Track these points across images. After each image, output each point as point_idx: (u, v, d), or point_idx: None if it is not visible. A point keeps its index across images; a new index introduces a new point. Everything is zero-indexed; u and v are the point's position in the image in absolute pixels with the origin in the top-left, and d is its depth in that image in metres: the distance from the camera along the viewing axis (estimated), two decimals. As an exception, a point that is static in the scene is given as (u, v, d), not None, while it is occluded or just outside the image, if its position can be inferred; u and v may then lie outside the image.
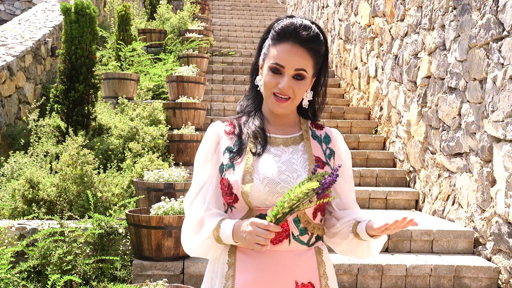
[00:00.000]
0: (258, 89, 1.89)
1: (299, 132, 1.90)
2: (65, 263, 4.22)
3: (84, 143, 5.90)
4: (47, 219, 4.85)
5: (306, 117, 1.94)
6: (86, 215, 4.71)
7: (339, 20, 9.91)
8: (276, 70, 1.80)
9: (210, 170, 1.85)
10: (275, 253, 1.77)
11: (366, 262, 4.58)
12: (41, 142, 6.39)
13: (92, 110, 6.83)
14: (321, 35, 1.82)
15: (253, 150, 1.82)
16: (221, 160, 1.85)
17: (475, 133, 5.06)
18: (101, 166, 5.91)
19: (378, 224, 1.71)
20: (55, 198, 5.15)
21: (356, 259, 4.67)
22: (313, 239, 1.83)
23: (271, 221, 1.67)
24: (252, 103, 1.93)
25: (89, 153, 5.52)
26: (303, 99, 1.88)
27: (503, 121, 4.55)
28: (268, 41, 1.85)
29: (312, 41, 1.80)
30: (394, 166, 7.08)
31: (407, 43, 6.73)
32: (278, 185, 1.77)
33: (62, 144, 6.16)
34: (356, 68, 8.88)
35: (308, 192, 1.65)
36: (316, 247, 1.85)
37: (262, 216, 1.75)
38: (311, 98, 1.89)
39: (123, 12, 9.67)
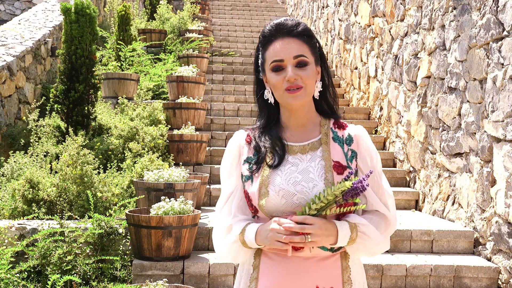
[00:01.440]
0: (270, 102, 1.87)
1: (318, 136, 1.86)
2: (65, 263, 4.22)
3: (84, 143, 5.90)
4: (47, 219, 4.85)
5: (326, 115, 1.90)
6: (86, 215, 4.71)
7: (339, 20, 9.91)
8: (278, 67, 1.79)
9: (235, 180, 1.88)
10: (297, 259, 1.77)
11: (366, 262, 4.58)
12: (41, 142, 6.39)
13: (92, 110, 6.83)
14: (303, 23, 1.83)
15: (270, 162, 1.81)
16: (241, 170, 1.87)
17: (475, 133, 5.06)
18: (101, 166, 5.91)
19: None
20: (55, 198, 5.15)
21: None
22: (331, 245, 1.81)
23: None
24: (266, 121, 1.89)
25: (89, 153, 5.52)
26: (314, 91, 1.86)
27: (503, 121, 4.55)
28: (261, 52, 1.86)
29: (297, 26, 1.81)
30: (394, 166, 7.08)
31: (407, 43, 6.73)
32: (294, 196, 1.76)
33: (62, 144, 6.15)
34: (356, 68, 8.88)
35: (336, 196, 1.65)
36: (343, 252, 1.83)
37: None
38: (321, 89, 1.87)
39: (123, 12, 9.67)
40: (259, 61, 1.87)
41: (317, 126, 1.88)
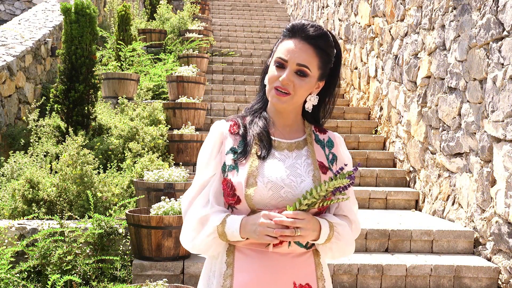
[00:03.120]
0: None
1: (303, 136, 1.90)
2: (65, 263, 4.22)
3: (84, 143, 5.90)
4: (47, 219, 4.85)
5: (310, 121, 1.94)
6: (86, 215, 4.71)
7: (339, 20, 9.91)
8: (280, 64, 1.80)
9: (213, 169, 1.85)
10: (274, 255, 1.78)
11: (366, 262, 4.58)
12: (41, 142, 6.39)
13: (92, 110, 6.83)
14: (330, 37, 1.82)
15: (259, 153, 1.82)
16: (223, 160, 1.84)
17: (475, 133, 5.06)
18: (101, 166, 5.91)
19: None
20: (55, 198, 5.15)
21: (356, 259, 4.67)
22: (310, 242, 1.84)
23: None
24: (258, 103, 1.93)
25: (89, 153, 5.52)
26: (306, 101, 1.87)
27: (503, 121, 4.55)
28: (279, 41, 1.86)
29: (318, 38, 1.79)
30: (394, 166, 7.08)
31: (407, 43, 6.73)
32: (281, 189, 1.77)
33: (62, 144, 6.16)
34: (356, 68, 8.89)
35: (328, 192, 1.69)
36: (314, 249, 1.86)
37: None
38: (316, 103, 1.88)
39: (123, 12, 9.67)
40: (274, 49, 1.88)
41: (301, 126, 1.92)
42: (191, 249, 1.86)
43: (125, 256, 4.52)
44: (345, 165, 1.76)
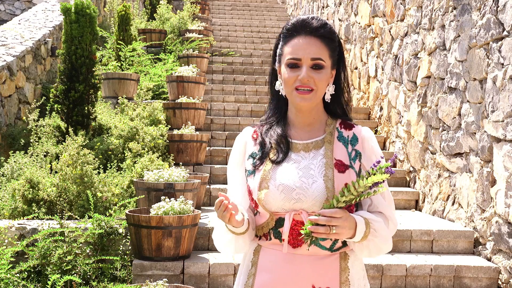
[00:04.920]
0: (280, 94, 1.88)
1: (323, 135, 1.87)
2: (65, 263, 4.22)
3: (84, 143, 5.89)
4: (47, 219, 4.85)
5: (335, 116, 1.91)
6: (86, 215, 4.71)
7: (339, 20, 9.91)
8: (294, 64, 1.79)
9: (238, 178, 1.91)
10: (295, 257, 1.78)
11: (366, 262, 4.58)
12: (41, 142, 6.39)
13: (92, 110, 6.83)
14: (329, 24, 1.84)
15: (273, 158, 1.82)
16: (245, 165, 1.88)
17: (475, 133, 5.06)
18: (101, 166, 5.91)
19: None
20: (55, 198, 5.15)
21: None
22: (338, 244, 1.81)
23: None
24: (274, 114, 1.91)
25: (89, 153, 5.52)
26: (325, 93, 1.86)
27: (503, 121, 4.55)
28: (281, 43, 1.86)
29: (322, 28, 1.80)
30: (394, 166, 7.08)
31: (407, 43, 6.73)
32: (293, 191, 1.77)
33: (62, 144, 6.15)
34: (356, 68, 8.89)
35: (366, 187, 1.66)
36: (342, 252, 1.82)
37: (281, 221, 1.78)
38: (333, 92, 1.87)
39: (123, 12, 9.67)
40: (277, 52, 1.88)
41: (323, 125, 1.89)
42: (222, 251, 1.93)
43: (125, 256, 4.52)
44: (382, 157, 1.72)
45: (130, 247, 4.53)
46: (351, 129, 1.89)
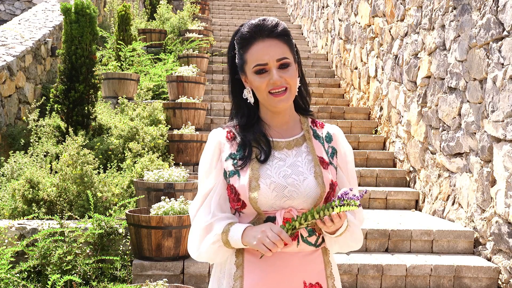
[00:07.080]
0: (248, 102, 1.87)
1: (301, 132, 1.89)
2: (65, 263, 4.22)
3: (84, 143, 5.90)
4: (47, 219, 4.85)
5: (303, 113, 1.93)
6: (86, 215, 4.71)
7: (339, 20, 9.91)
8: (261, 70, 1.79)
9: (214, 178, 1.85)
10: (284, 254, 1.78)
11: (366, 262, 4.58)
12: (41, 142, 6.39)
13: (92, 110, 6.83)
14: (280, 21, 1.84)
15: (258, 156, 1.81)
16: (224, 167, 1.84)
17: (475, 133, 5.06)
18: (101, 166, 5.91)
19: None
20: (55, 198, 5.15)
21: (356, 259, 4.67)
22: (320, 240, 1.84)
23: (286, 231, 1.69)
24: (248, 118, 1.88)
25: (89, 153, 5.52)
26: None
27: (503, 121, 4.55)
28: (238, 53, 1.84)
29: (277, 27, 1.81)
30: (394, 166, 7.08)
31: (407, 43, 6.73)
32: (285, 189, 1.77)
33: (62, 144, 6.15)
34: (356, 68, 8.89)
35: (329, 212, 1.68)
36: (323, 247, 1.86)
37: (271, 219, 1.77)
38: (299, 84, 1.88)
39: (123, 12, 9.67)
40: (237, 62, 1.86)
41: (298, 123, 1.91)
42: (197, 257, 1.86)
43: (125, 256, 4.52)
44: (364, 192, 1.71)
45: (130, 247, 4.53)
46: (323, 127, 1.93)
